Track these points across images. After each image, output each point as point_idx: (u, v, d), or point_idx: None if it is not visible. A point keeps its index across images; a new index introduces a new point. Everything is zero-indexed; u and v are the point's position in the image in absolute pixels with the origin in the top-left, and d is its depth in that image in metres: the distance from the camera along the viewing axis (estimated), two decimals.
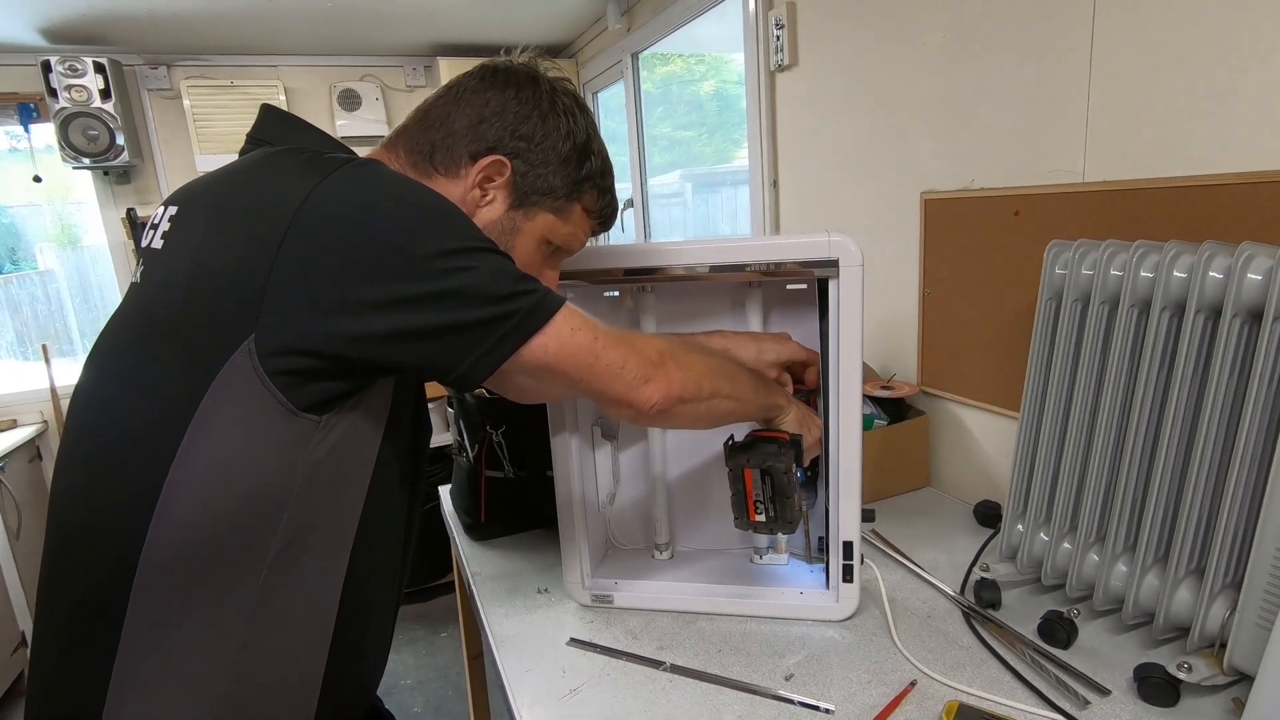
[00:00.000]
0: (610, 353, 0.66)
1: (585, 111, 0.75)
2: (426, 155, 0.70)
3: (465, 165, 0.70)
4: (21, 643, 2.46)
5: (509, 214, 0.72)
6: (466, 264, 0.59)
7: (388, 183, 0.61)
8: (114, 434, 0.60)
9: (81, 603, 0.60)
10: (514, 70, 0.72)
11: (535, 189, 0.72)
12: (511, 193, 0.71)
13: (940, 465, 1.37)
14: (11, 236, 3.11)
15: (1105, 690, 0.78)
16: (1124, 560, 0.87)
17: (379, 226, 0.57)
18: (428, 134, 0.71)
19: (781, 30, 1.65)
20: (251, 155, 0.68)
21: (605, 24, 2.66)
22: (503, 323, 0.61)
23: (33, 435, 2.79)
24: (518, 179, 0.71)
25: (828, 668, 0.85)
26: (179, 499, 0.57)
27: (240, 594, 0.59)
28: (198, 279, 0.58)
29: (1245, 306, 0.73)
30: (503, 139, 0.70)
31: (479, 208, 0.71)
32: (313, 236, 0.56)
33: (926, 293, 1.35)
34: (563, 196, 0.73)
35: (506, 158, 0.70)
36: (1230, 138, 0.87)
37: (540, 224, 0.74)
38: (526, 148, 0.70)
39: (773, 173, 1.82)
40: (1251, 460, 0.74)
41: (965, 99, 1.21)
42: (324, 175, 0.59)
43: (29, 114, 2.73)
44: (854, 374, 0.86)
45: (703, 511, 1.09)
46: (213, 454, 0.57)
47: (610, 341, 0.67)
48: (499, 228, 0.72)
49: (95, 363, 0.65)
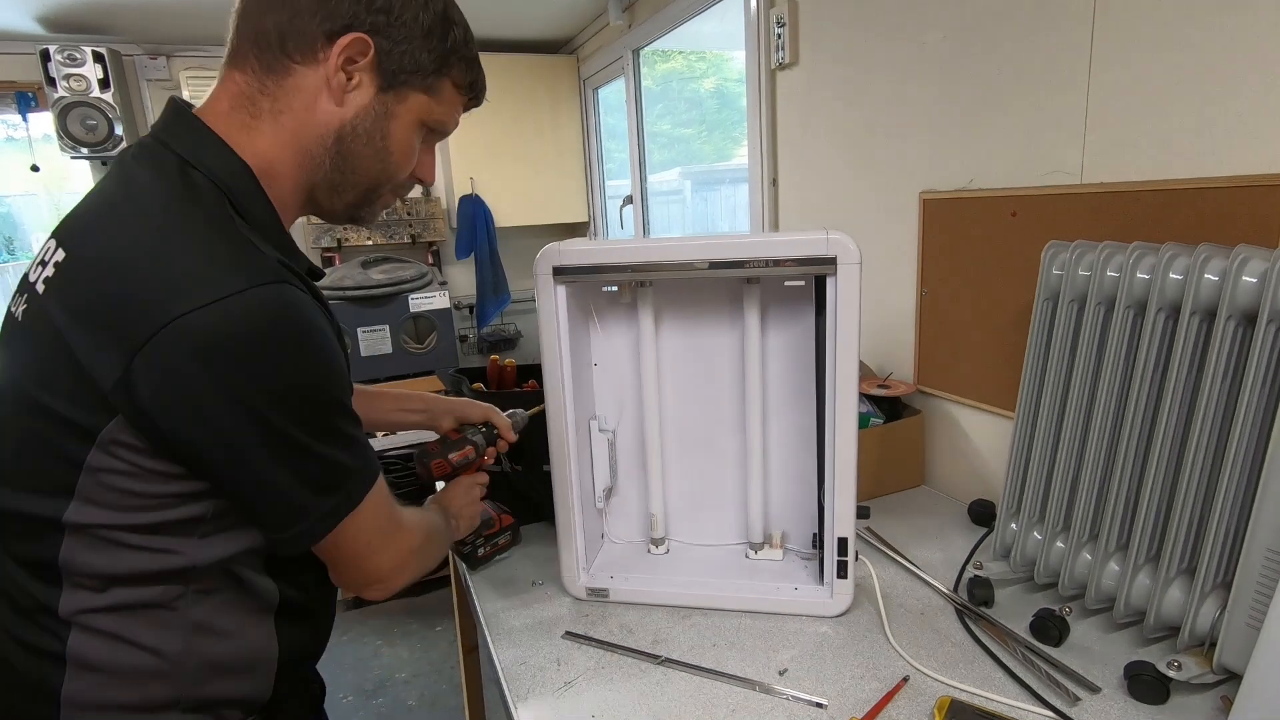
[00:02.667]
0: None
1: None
2: (277, 46, 0.63)
3: (322, 47, 0.63)
4: None
5: (380, 98, 0.66)
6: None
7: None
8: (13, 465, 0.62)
9: (27, 605, 0.62)
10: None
11: (403, 67, 0.66)
12: (378, 74, 0.66)
13: (935, 464, 1.37)
14: (9, 226, 3.10)
15: (1096, 687, 0.79)
16: (1116, 559, 0.87)
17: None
18: (269, 16, 0.63)
19: (782, 28, 1.65)
20: (138, 196, 0.61)
21: (606, 20, 2.65)
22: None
23: None
24: (382, 57, 0.65)
25: (821, 663, 0.86)
26: (86, 540, 0.59)
27: (182, 588, 0.63)
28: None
29: (1240, 309, 0.74)
30: (358, 14, 0.63)
31: (345, 93, 0.65)
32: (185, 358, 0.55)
33: (924, 292, 1.35)
34: (431, 73, 0.68)
35: (367, 35, 0.63)
36: (1228, 141, 0.87)
37: (414, 105, 0.68)
38: (386, 22, 0.64)
39: (772, 171, 1.82)
40: (1243, 462, 0.75)
41: (964, 99, 1.22)
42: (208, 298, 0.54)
43: (27, 103, 2.72)
44: (850, 372, 0.87)
45: (699, 506, 1.10)
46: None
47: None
48: (371, 114, 0.67)
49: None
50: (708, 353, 1.04)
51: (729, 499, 1.08)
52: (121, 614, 0.61)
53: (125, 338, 0.53)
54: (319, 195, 0.70)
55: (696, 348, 1.04)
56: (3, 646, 0.63)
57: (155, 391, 0.54)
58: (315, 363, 0.59)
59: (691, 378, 1.05)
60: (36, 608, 0.61)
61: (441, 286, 2.92)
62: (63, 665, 0.60)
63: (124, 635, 0.61)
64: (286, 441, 0.58)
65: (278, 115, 0.65)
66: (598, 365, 1.06)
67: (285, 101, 0.64)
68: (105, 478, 0.57)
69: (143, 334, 0.53)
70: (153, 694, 0.62)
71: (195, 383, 0.54)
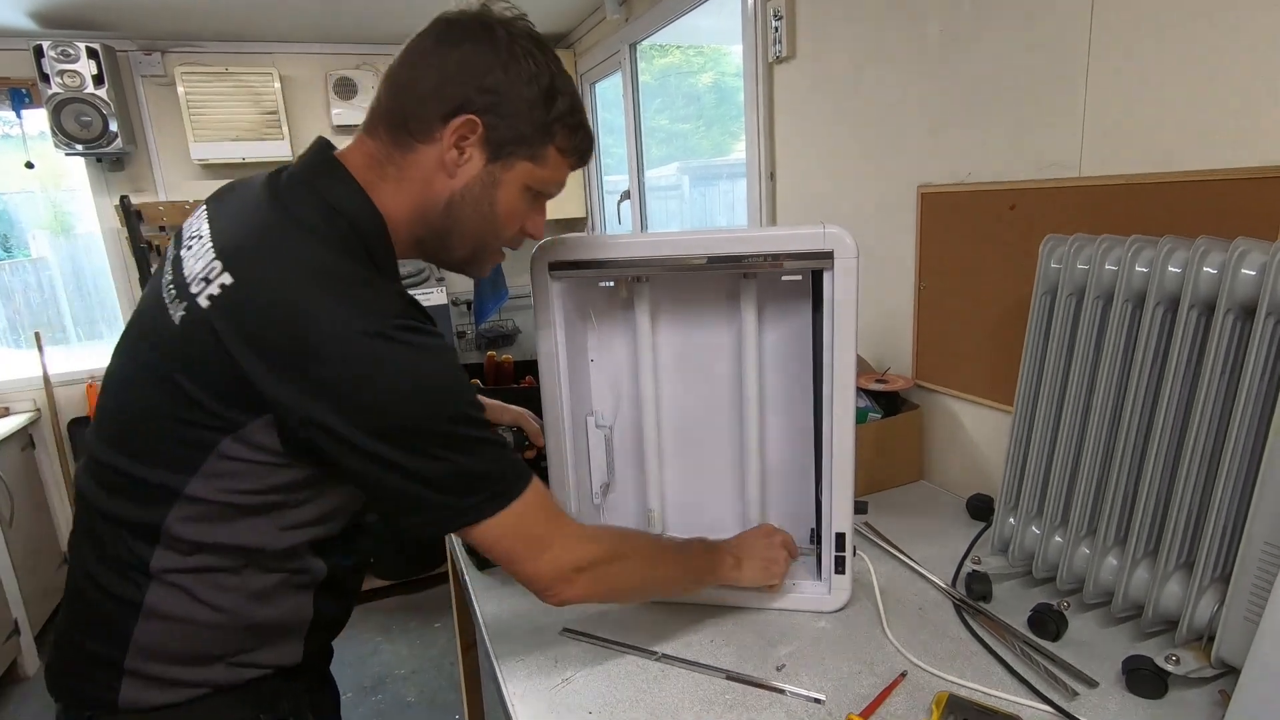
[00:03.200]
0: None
1: (545, 49, 0.74)
2: (402, 126, 0.72)
3: (438, 128, 0.71)
4: (14, 630, 2.45)
5: (487, 168, 0.73)
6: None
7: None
8: (134, 447, 0.69)
9: (117, 550, 0.70)
10: (466, 22, 0.72)
11: (508, 139, 0.73)
12: (486, 147, 0.72)
13: (933, 459, 1.37)
14: (4, 224, 3.09)
15: (1094, 682, 0.79)
16: (1114, 554, 0.87)
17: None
18: (397, 102, 0.72)
19: (780, 22, 1.64)
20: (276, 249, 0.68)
21: (603, 14, 2.64)
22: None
23: (25, 423, 2.78)
24: (489, 133, 0.72)
25: (819, 658, 0.86)
26: (193, 510, 0.67)
27: (250, 564, 0.71)
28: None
29: (1239, 302, 0.73)
30: (469, 96, 0.70)
31: (458, 167, 0.73)
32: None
33: (921, 286, 1.35)
34: (536, 142, 0.74)
35: (476, 115, 0.70)
36: (1227, 133, 0.87)
37: (519, 173, 0.75)
38: (495, 101, 0.71)
39: (770, 165, 1.82)
40: (1242, 455, 0.74)
41: (962, 92, 1.21)
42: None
43: (21, 99, 2.71)
44: (848, 366, 0.86)
45: (695, 501, 1.09)
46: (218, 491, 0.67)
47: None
48: (480, 183, 0.74)
49: (122, 353, 0.74)
50: (705, 348, 1.03)
51: (726, 495, 1.08)
52: (199, 575, 0.69)
53: (288, 361, 0.63)
54: (430, 248, 0.78)
55: (694, 343, 1.03)
56: (86, 591, 0.72)
57: (311, 407, 0.63)
58: (444, 384, 0.68)
59: (689, 373, 1.04)
60: (127, 560, 0.69)
61: (439, 283, 2.91)
62: (138, 612, 0.69)
63: (195, 594, 0.69)
64: (425, 453, 0.67)
65: (400, 181, 0.73)
66: (594, 361, 1.05)
67: (407, 172, 0.73)
68: (228, 464, 0.65)
69: (304, 361, 0.63)
70: (208, 646, 0.71)
71: (339, 402, 0.63)
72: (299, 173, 0.73)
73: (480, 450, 0.70)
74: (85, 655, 0.72)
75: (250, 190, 0.74)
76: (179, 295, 0.68)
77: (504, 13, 0.73)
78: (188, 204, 2.97)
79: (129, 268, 2.93)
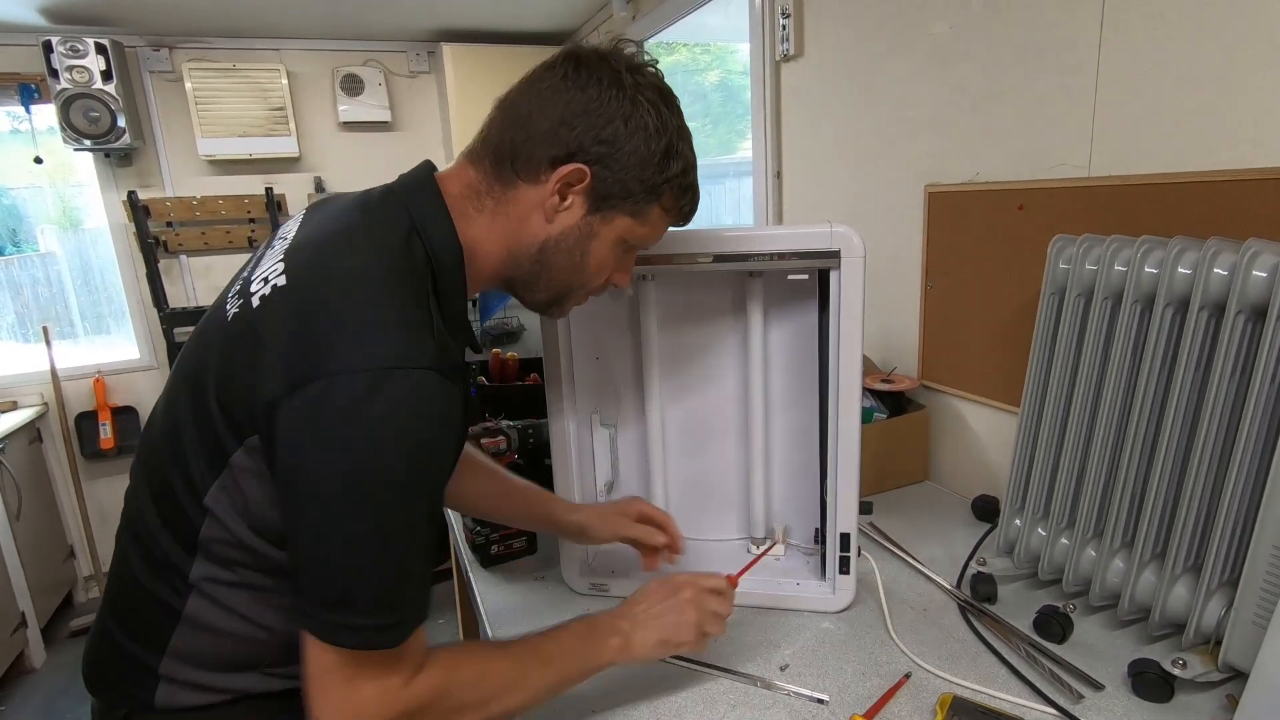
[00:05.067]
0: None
1: (671, 105, 0.72)
2: (508, 160, 0.69)
3: (545, 171, 0.68)
4: (21, 623, 2.47)
5: (586, 219, 0.71)
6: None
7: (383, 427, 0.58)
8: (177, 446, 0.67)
9: (159, 556, 0.68)
10: (595, 64, 0.69)
11: (614, 193, 0.70)
12: (590, 198, 0.70)
13: (939, 459, 1.37)
14: (13, 218, 3.10)
15: (1099, 685, 0.78)
16: (1121, 556, 0.87)
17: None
18: (508, 133, 0.69)
19: (787, 20, 1.63)
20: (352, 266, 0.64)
21: (610, 12, 2.63)
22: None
23: (33, 417, 2.80)
24: (596, 184, 0.69)
25: (823, 659, 0.85)
26: (217, 524, 0.65)
27: (283, 580, 0.66)
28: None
29: (1249, 304, 0.73)
30: (584, 144, 0.68)
31: (557, 213, 0.70)
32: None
33: (928, 286, 1.34)
34: (641, 199, 0.71)
35: (586, 164, 0.68)
36: (1238, 133, 0.86)
37: (617, 227, 0.72)
38: (608, 153, 0.68)
39: (776, 164, 1.81)
40: (1251, 458, 0.74)
41: (971, 91, 1.21)
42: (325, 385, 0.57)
43: (30, 95, 2.72)
44: (854, 367, 0.86)
45: (700, 501, 1.09)
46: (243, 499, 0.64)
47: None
48: (576, 233, 0.71)
49: (188, 355, 0.71)
50: (711, 347, 1.03)
51: (731, 494, 1.08)
52: (236, 589, 0.68)
53: (293, 373, 0.58)
54: (515, 287, 0.76)
55: (699, 342, 1.03)
56: (130, 590, 0.70)
57: (286, 426, 0.58)
58: (412, 457, 0.59)
59: (694, 372, 1.04)
60: (169, 566, 0.67)
61: None
62: (177, 619, 0.67)
63: (234, 607, 0.68)
64: (342, 518, 0.58)
65: (495, 216, 0.71)
66: (599, 359, 1.05)
67: (504, 208, 0.70)
68: (242, 476, 0.63)
69: (303, 377, 0.57)
70: (244, 657, 0.70)
71: (308, 431, 0.58)
72: (394, 188, 0.71)
73: (398, 551, 0.61)
74: (124, 654, 0.71)
75: (344, 200, 0.73)
76: (240, 293, 0.68)
77: (634, 58, 0.71)
78: (194, 199, 2.98)
79: (136, 263, 2.94)
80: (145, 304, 2.99)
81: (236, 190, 3.05)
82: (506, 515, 1.00)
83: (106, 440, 2.96)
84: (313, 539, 0.59)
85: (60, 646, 2.70)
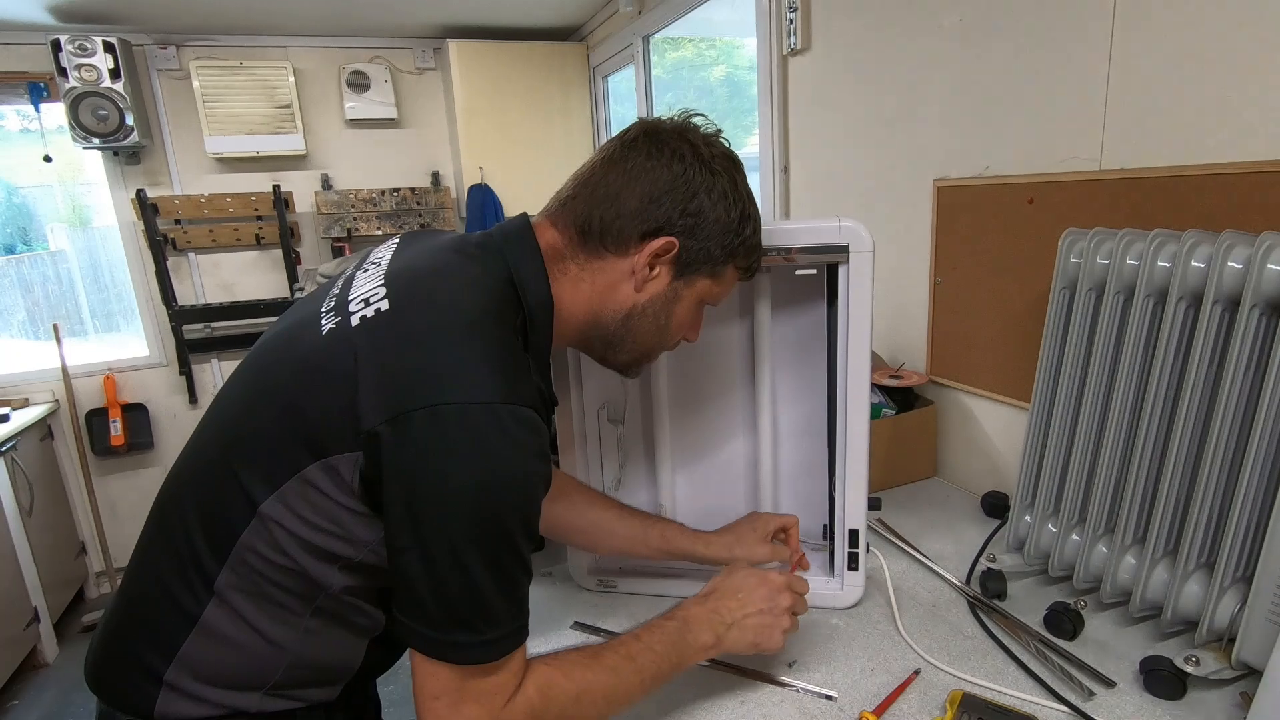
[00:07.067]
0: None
1: (740, 169, 0.75)
2: (596, 235, 0.71)
3: (634, 245, 0.71)
4: (34, 618, 2.49)
5: (672, 285, 0.74)
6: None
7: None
8: (235, 449, 0.67)
9: (187, 556, 0.67)
10: (673, 139, 0.72)
11: (698, 259, 0.73)
12: (676, 265, 0.73)
13: (948, 455, 1.36)
14: (23, 217, 3.12)
15: (1111, 682, 0.78)
16: (1133, 553, 0.86)
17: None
18: (596, 209, 0.71)
19: (794, 13, 1.62)
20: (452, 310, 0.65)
21: (616, 6, 2.63)
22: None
23: (44, 414, 2.82)
24: (683, 253, 0.72)
25: (831, 655, 0.85)
26: (264, 532, 0.64)
27: (309, 601, 0.68)
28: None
29: (1264, 298, 0.72)
30: (672, 218, 0.71)
31: (646, 282, 0.73)
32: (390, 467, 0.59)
33: (938, 281, 1.33)
34: (720, 261, 0.75)
35: (675, 237, 0.71)
36: (1253, 125, 0.85)
37: (698, 289, 0.76)
38: (694, 224, 0.71)
39: (784, 158, 1.80)
40: (1266, 453, 0.73)
41: (981, 84, 1.20)
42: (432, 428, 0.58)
43: (39, 93, 2.74)
44: (862, 362, 0.86)
45: (708, 497, 1.09)
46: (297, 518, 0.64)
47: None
48: (662, 299, 0.75)
49: (254, 360, 0.72)
50: (718, 342, 1.03)
51: (739, 490, 1.07)
52: (259, 602, 0.67)
53: (397, 399, 0.59)
54: (594, 346, 0.78)
55: (706, 337, 1.03)
56: (149, 592, 0.70)
57: (391, 453, 0.58)
58: (518, 484, 0.61)
59: (702, 368, 1.04)
60: (195, 569, 0.67)
61: None
62: (192, 626, 0.67)
63: (251, 620, 0.67)
64: (456, 541, 0.59)
65: (580, 281, 0.73)
66: None
67: (591, 277, 0.73)
68: (308, 490, 0.62)
69: (410, 404, 0.58)
70: (250, 674, 0.69)
71: (415, 458, 0.58)
72: (496, 235, 0.73)
73: (508, 572, 0.62)
74: (130, 658, 0.70)
75: (443, 237, 0.75)
76: (336, 310, 0.68)
77: (705, 128, 0.74)
78: (202, 197, 2.99)
79: (145, 260, 2.96)
80: (154, 301, 3.00)
81: (244, 188, 3.06)
82: (614, 548, 0.96)
83: (117, 437, 2.98)
84: (424, 561, 0.60)
85: (72, 642, 2.73)
